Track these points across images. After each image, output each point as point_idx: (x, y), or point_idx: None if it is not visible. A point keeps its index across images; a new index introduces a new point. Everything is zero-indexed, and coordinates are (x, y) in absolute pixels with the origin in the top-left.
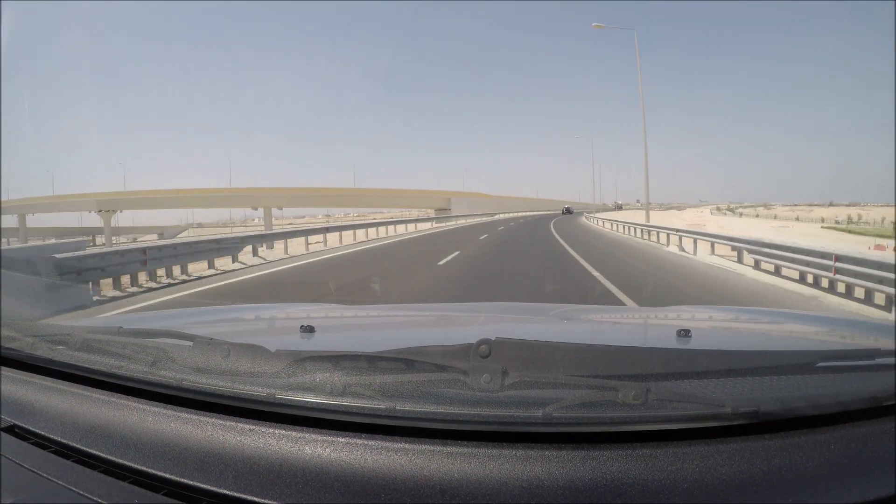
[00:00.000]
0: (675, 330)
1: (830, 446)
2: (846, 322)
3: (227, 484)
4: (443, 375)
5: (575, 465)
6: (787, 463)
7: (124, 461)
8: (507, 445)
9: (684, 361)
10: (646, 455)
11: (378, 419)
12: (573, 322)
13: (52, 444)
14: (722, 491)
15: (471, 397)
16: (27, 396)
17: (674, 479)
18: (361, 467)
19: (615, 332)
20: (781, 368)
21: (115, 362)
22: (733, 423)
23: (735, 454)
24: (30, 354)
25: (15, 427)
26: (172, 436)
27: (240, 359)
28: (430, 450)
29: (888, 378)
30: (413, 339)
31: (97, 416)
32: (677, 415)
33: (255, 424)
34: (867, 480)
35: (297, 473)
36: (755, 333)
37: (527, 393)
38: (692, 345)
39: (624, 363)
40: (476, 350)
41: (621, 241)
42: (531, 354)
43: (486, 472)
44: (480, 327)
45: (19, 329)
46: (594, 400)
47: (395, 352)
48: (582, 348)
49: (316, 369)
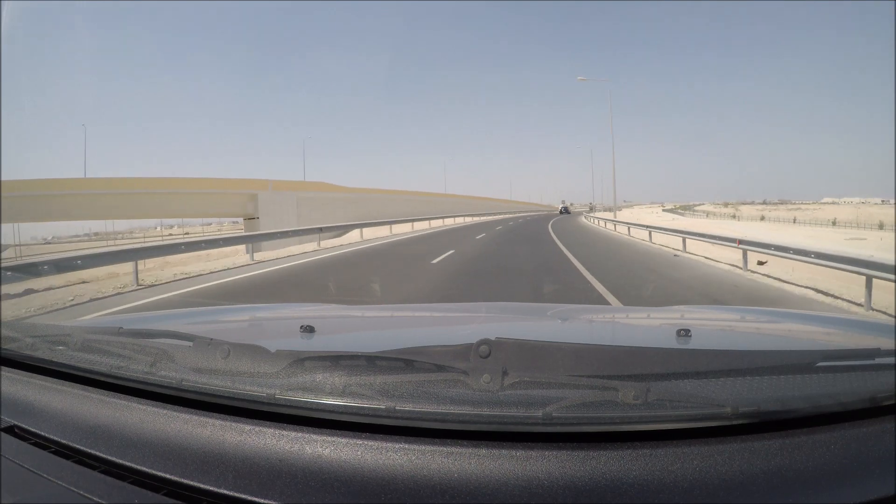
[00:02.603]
0: (675, 330)
1: (830, 446)
2: (846, 322)
3: (227, 484)
4: (443, 375)
5: (575, 465)
6: (787, 463)
7: (124, 461)
8: (507, 445)
9: (684, 361)
10: (646, 455)
11: (378, 419)
12: (573, 322)
13: (52, 445)
14: (722, 491)
15: (471, 397)
16: (27, 397)
17: (674, 479)
18: (361, 467)
19: (615, 332)
20: (781, 368)
21: (115, 362)
22: (733, 423)
23: (735, 454)
24: (30, 355)
25: (15, 427)
26: (172, 436)
27: (240, 359)
28: (430, 450)
29: (888, 378)
30: (413, 339)
31: (97, 417)
32: (677, 415)
33: (255, 424)
34: (867, 480)
35: (297, 473)
36: (755, 333)
37: (527, 393)
38: (692, 345)
39: (624, 363)
40: (476, 350)
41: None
42: (531, 354)
43: (486, 472)
44: (480, 327)
45: (19, 329)
46: (594, 400)
47: (395, 352)
48: (582, 348)
49: (316, 369)
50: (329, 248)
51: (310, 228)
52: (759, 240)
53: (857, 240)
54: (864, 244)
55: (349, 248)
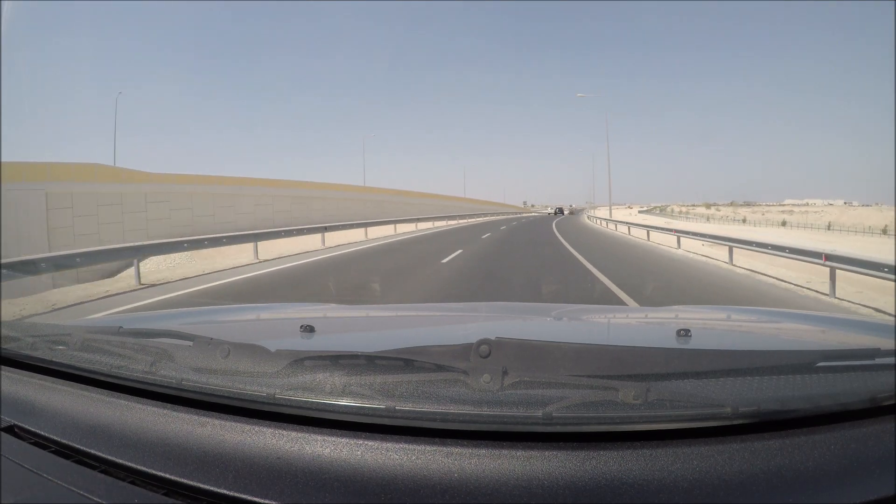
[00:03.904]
0: (675, 330)
1: (830, 446)
2: (846, 322)
3: (227, 484)
4: (443, 375)
5: (575, 464)
6: (787, 463)
7: (124, 461)
8: (507, 445)
9: (684, 361)
10: (646, 455)
11: (378, 419)
12: (573, 322)
13: (52, 444)
14: (722, 491)
15: (471, 397)
16: (27, 396)
17: (674, 479)
18: (361, 467)
19: (615, 332)
20: (781, 368)
21: (115, 362)
22: (733, 423)
23: (735, 454)
24: (30, 354)
25: (15, 427)
26: (172, 436)
27: (240, 359)
28: (429, 449)
29: (888, 378)
30: (413, 338)
31: (97, 416)
32: (677, 415)
33: (255, 424)
34: (867, 480)
35: (297, 473)
36: (755, 333)
37: (527, 393)
38: (692, 345)
39: (624, 363)
40: (476, 350)
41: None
42: (531, 354)
43: (486, 472)
44: (480, 327)
45: (19, 329)
46: (594, 400)
47: (395, 351)
48: (582, 348)
49: (316, 369)
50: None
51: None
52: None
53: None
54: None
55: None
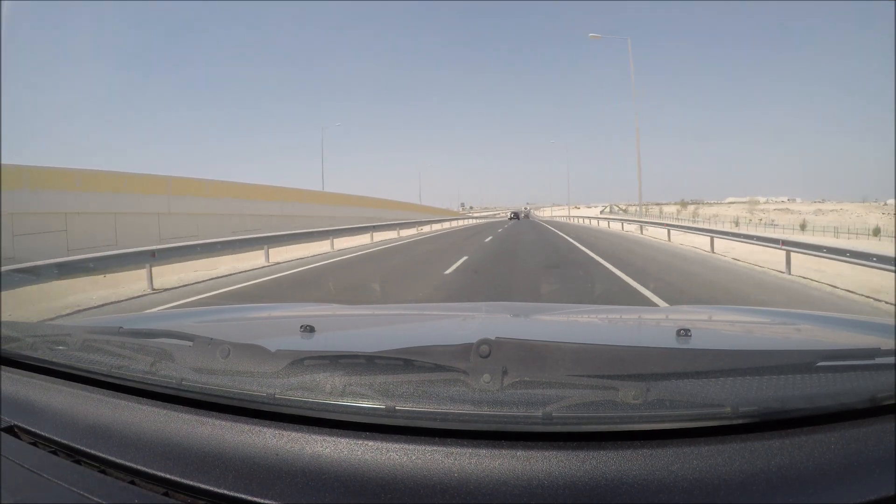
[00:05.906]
0: (675, 330)
1: (830, 446)
2: (846, 322)
3: (227, 484)
4: (443, 375)
5: (575, 464)
6: (787, 463)
7: (124, 461)
8: (507, 445)
9: (684, 361)
10: (646, 455)
11: (378, 419)
12: (573, 322)
13: (52, 445)
14: (722, 491)
15: (471, 397)
16: (27, 396)
17: (674, 479)
18: (361, 467)
19: (615, 331)
20: (781, 368)
21: (115, 362)
22: (733, 423)
23: (735, 454)
24: (30, 355)
25: (15, 427)
26: (172, 436)
27: (240, 359)
28: (430, 449)
29: (888, 377)
30: (413, 338)
31: (97, 416)
32: (677, 414)
33: (255, 424)
34: (867, 480)
35: (297, 473)
36: (755, 333)
37: (527, 393)
38: (692, 344)
39: (624, 363)
40: (476, 350)
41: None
42: (531, 354)
43: (486, 471)
44: (480, 327)
45: (19, 329)
46: (594, 400)
47: (395, 351)
48: (582, 348)
49: (316, 369)
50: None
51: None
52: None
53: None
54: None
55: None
